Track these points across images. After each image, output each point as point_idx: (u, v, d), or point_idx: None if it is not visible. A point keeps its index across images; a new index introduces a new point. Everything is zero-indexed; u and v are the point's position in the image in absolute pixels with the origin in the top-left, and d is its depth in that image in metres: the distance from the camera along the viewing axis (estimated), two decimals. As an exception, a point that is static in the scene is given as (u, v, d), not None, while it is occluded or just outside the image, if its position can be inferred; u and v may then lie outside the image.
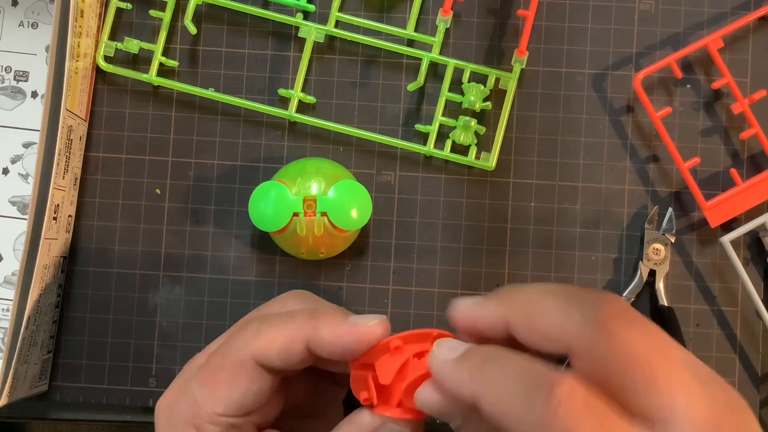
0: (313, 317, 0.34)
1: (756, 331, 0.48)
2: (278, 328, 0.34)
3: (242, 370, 0.34)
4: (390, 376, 0.33)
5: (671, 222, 0.48)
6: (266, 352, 0.34)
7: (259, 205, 0.45)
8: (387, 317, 0.34)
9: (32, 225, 0.43)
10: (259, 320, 0.35)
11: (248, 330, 0.35)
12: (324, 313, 0.34)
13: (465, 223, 0.49)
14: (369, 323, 0.34)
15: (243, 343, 0.34)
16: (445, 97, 0.48)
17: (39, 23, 0.50)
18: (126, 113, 0.49)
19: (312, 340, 0.34)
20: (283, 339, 0.34)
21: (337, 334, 0.33)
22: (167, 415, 0.35)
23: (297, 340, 0.34)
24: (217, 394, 0.34)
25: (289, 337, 0.34)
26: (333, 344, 0.33)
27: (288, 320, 0.35)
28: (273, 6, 0.49)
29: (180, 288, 0.49)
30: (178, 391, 0.35)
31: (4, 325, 0.49)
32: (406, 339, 0.33)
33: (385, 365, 0.33)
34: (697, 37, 0.49)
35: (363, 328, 0.33)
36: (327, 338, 0.33)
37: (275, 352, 0.34)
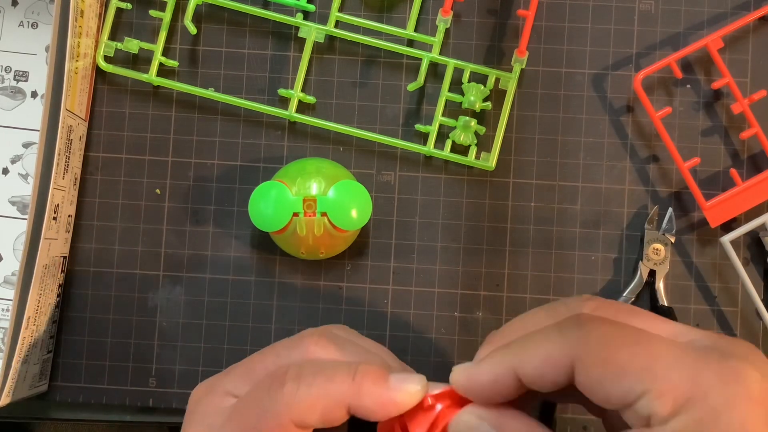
0: (355, 381, 0.33)
1: (756, 331, 0.48)
2: (318, 391, 0.33)
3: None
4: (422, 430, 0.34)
5: (671, 222, 0.48)
6: (306, 417, 0.33)
7: (259, 205, 0.45)
8: (425, 378, 0.34)
9: (32, 225, 0.43)
10: (294, 380, 0.33)
11: (286, 392, 0.33)
12: (365, 375, 0.33)
13: (465, 223, 0.49)
14: (412, 390, 0.33)
15: (282, 405, 0.33)
16: (445, 97, 0.48)
17: (39, 23, 0.50)
18: (126, 113, 0.49)
19: (354, 407, 0.33)
20: (323, 404, 0.33)
21: (381, 403, 0.33)
22: None
23: (339, 405, 0.33)
24: None
25: (331, 402, 0.33)
26: (374, 413, 0.33)
27: (327, 382, 0.33)
28: (273, 6, 0.49)
29: (180, 288, 0.49)
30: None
31: (4, 325, 0.49)
32: (437, 397, 0.34)
33: (417, 420, 0.34)
34: (697, 37, 0.49)
35: (407, 397, 0.33)
36: (370, 407, 0.33)
37: (316, 417, 0.33)
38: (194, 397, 0.36)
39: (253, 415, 0.33)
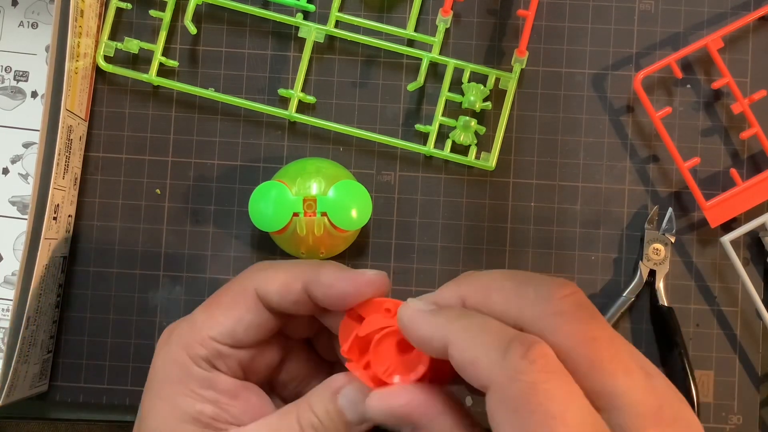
0: (319, 264, 0.36)
1: (756, 331, 0.48)
2: (282, 269, 0.36)
3: (241, 298, 0.36)
4: (366, 330, 0.34)
5: (671, 222, 0.48)
6: (266, 286, 0.36)
7: (259, 205, 0.45)
8: (385, 273, 0.36)
9: (32, 225, 0.43)
10: (266, 262, 0.38)
11: (254, 267, 0.38)
12: (330, 264, 0.36)
13: (465, 223, 0.49)
14: (368, 272, 0.35)
15: (249, 275, 0.37)
16: (445, 97, 0.48)
17: (39, 23, 0.50)
18: (126, 113, 0.49)
19: (311, 282, 0.35)
20: (285, 276, 0.36)
21: (336, 277, 0.35)
22: (167, 336, 0.37)
23: (298, 279, 0.36)
24: (215, 317, 0.36)
25: (292, 275, 0.36)
26: (330, 287, 0.35)
27: (293, 265, 0.37)
28: (273, 6, 0.49)
29: (180, 288, 0.49)
30: (183, 319, 0.37)
31: (4, 325, 0.49)
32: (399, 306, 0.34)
33: (370, 322, 0.34)
34: (697, 37, 0.49)
35: (361, 277, 0.35)
36: (325, 281, 0.35)
37: (275, 286, 0.36)
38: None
39: (224, 288, 0.37)
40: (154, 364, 0.36)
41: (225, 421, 0.35)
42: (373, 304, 0.35)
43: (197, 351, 0.35)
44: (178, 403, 0.35)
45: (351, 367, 0.34)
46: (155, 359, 0.37)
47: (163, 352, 0.36)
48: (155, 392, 0.36)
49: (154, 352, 0.37)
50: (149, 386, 0.36)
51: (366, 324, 0.34)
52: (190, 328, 0.36)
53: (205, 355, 0.35)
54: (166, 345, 0.36)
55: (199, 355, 0.35)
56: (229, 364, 0.36)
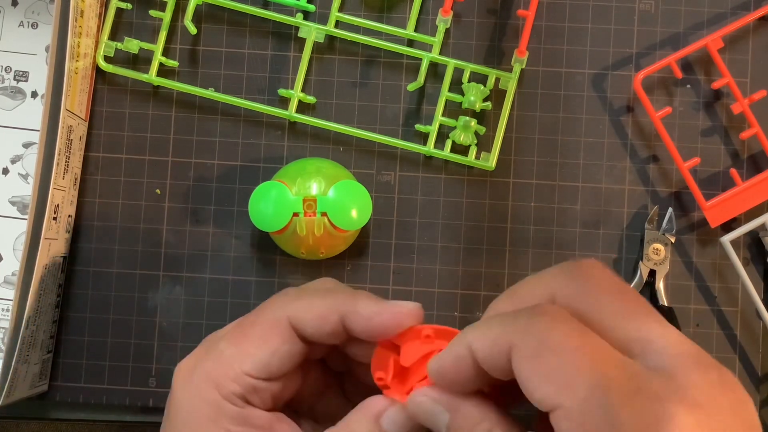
0: (353, 295, 0.35)
1: (756, 331, 0.48)
2: (317, 298, 0.35)
3: (276, 329, 0.34)
4: (412, 360, 0.33)
5: (671, 222, 0.48)
6: (302, 316, 0.34)
7: (259, 205, 0.45)
8: (420, 305, 0.35)
9: (32, 225, 0.43)
10: (298, 289, 0.36)
11: (286, 295, 0.35)
12: (363, 293, 0.35)
13: (465, 223, 0.49)
14: (406, 305, 0.34)
15: (280, 305, 0.35)
16: (445, 97, 0.48)
17: (39, 23, 0.50)
18: (126, 113, 0.49)
19: (349, 313, 0.34)
20: (321, 307, 0.34)
21: (375, 311, 0.34)
22: (189, 372, 0.34)
23: (335, 310, 0.34)
24: (247, 351, 0.34)
25: (327, 307, 0.34)
26: (369, 321, 0.34)
27: (327, 293, 0.35)
28: (273, 6, 0.49)
29: (180, 288, 0.49)
30: (206, 350, 0.35)
31: (4, 325, 0.49)
32: (438, 332, 0.34)
33: (411, 349, 0.34)
34: (697, 37, 0.49)
35: (401, 309, 0.34)
36: (364, 313, 0.34)
37: (311, 317, 0.34)
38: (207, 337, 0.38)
39: (253, 316, 0.35)
40: (178, 403, 0.34)
41: None
42: (410, 333, 0.34)
43: (230, 388, 0.33)
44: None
45: (391, 393, 0.34)
46: (177, 398, 0.34)
47: (189, 391, 0.34)
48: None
49: (172, 390, 0.35)
50: (173, 428, 0.34)
51: (407, 352, 0.34)
52: (218, 363, 0.34)
53: (239, 391, 0.34)
54: (190, 383, 0.34)
55: (233, 391, 0.33)
56: (263, 398, 0.34)
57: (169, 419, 0.34)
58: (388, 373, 0.34)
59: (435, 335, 0.34)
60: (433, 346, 0.34)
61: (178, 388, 0.34)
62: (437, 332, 0.34)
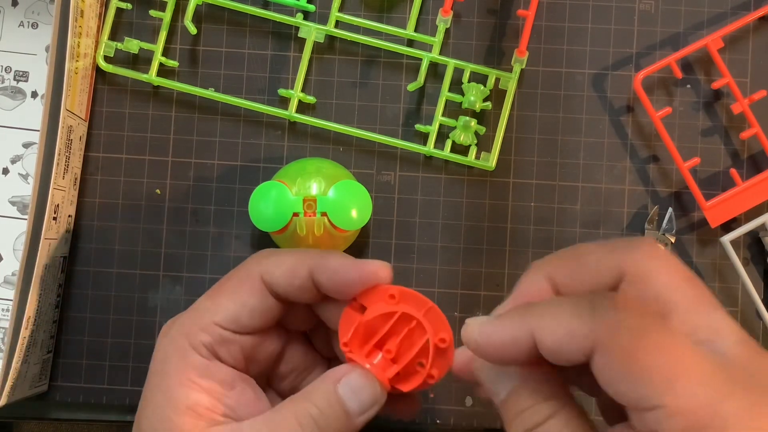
0: (324, 252, 0.37)
1: (756, 331, 0.48)
2: (289, 254, 0.37)
3: (247, 283, 0.36)
4: (372, 315, 0.34)
5: (671, 222, 0.48)
6: (272, 270, 0.36)
7: (259, 205, 0.45)
8: (390, 264, 0.36)
9: (32, 225, 0.43)
10: (272, 249, 0.38)
11: (260, 254, 0.38)
12: (333, 251, 0.37)
13: (465, 223, 0.49)
14: (375, 262, 0.36)
15: (253, 262, 0.37)
16: (445, 97, 0.48)
17: (39, 23, 0.50)
18: (126, 113, 0.49)
19: (317, 266, 0.36)
20: (290, 261, 0.36)
21: (342, 264, 0.35)
22: (168, 327, 0.37)
23: (303, 265, 0.36)
24: (218, 302, 0.36)
25: (297, 261, 0.36)
26: (336, 272, 0.35)
27: (299, 251, 0.37)
28: (273, 6, 0.49)
29: (180, 288, 0.49)
30: (187, 310, 0.37)
31: (4, 325, 0.49)
32: (404, 294, 0.35)
33: (375, 309, 0.35)
34: (697, 37, 0.49)
35: (367, 265, 0.35)
36: (331, 266, 0.35)
37: (281, 271, 0.36)
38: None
39: (227, 275, 0.38)
40: (155, 355, 0.36)
41: (220, 413, 0.35)
42: (376, 293, 0.35)
43: (200, 337, 0.35)
44: (174, 394, 0.35)
45: (352, 356, 0.34)
46: (155, 351, 0.37)
47: (164, 342, 0.36)
48: (154, 383, 0.36)
49: (156, 345, 0.37)
50: (148, 378, 0.36)
51: (370, 310, 0.34)
52: (193, 314, 0.36)
53: (208, 341, 0.35)
54: (167, 335, 0.36)
55: (202, 341, 0.35)
56: (231, 351, 0.36)
57: (149, 370, 0.36)
58: (349, 332, 0.34)
59: (400, 297, 0.35)
60: (396, 307, 0.34)
61: (158, 340, 0.37)
62: (402, 294, 0.35)
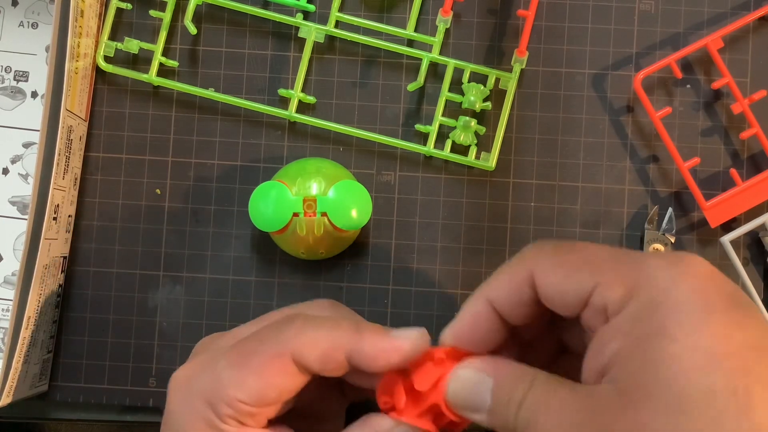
0: (358, 330, 0.34)
1: (756, 331, 0.48)
2: (323, 333, 0.34)
3: (278, 364, 0.34)
4: (427, 384, 0.33)
5: (671, 222, 0.48)
6: (307, 353, 0.34)
7: (259, 205, 0.45)
8: (426, 330, 0.34)
9: (32, 225, 0.43)
10: (303, 319, 0.35)
11: (292, 326, 0.34)
12: (368, 327, 0.35)
13: (465, 223, 0.49)
14: (412, 338, 0.34)
15: (285, 337, 0.34)
16: (445, 97, 0.48)
17: (39, 23, 0.50)
18: (126, 113, 0.49)
19: (355, 351, 0.34)
20: (326, 344, 0.34)
21: (381, 348, 0.34)
22: (185, 385, 0.35)
23: (340, 348, 0.34)
24: (244, 379, 0.34)
25: (333, 343, 0.34)
26: (376, 359, 0.34)
27: (333, 327, 0.34)
28: (273, 6, 0.49)
29: (180, 288, 0.49)
30: (202, 365, 0.35)
31: (4, 325, 0.49)
32: (450, 354, 0.34)
33: (425, 373, 0.34)
34: (697, 37, 0.49)
35: (406, 342, 0.34)
36: (371, 353, 0.34)
37: (316, 355, 0.34)
38: (200, 343, 0.38)
39: (256, 342, 0.35)
40: (175, 414, 0.35)
41: None
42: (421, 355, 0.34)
43: (224, 411, 0.34)
44: None
45: (403, 417, 0.34)
46: (173, 411, 0.35)
47: (185, 407, 0.34)
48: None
49: (168, 401, 0.35)
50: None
51: (420, 377, 0.33)
52: (215, 384, 0.34)
53: (233, 414, 0.34)
54: (187, 397, 0.35)
55: (227, 414, 0.34)
56: (257, 420, 0.34)
57: (168, 426, 0.35)
58: (400, 396, 0.34)
59: (447, 358, 0.34)
60: (445, 368, 0.33)
61: (175, 401, 0.35)
62: (449, 355, 0.34)
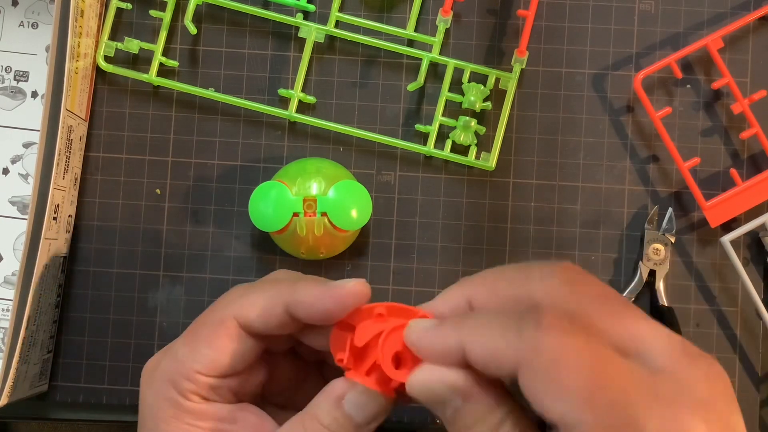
0: (295, 283, 0.35)
1: (756, 331, 0.48)
2: (260, 292, 0.35)
3: (222, 329, 0.35)
4: (365, 339, 0.33)
5: (671, 222, 0.48)
6: (246, 313, 0.35)
7: (259, 205, 0.45)
8: (365, 281, 0.34)
9: (32, 225, 0.43)
10: (245, 286, 0.37)
11: (231, 294, 0.36)
12: (305, 279, 0.36)
13: (465, 223, 0.49)
14: (347, 284, 0.34)
15: (225, 304, 0.36)
16: (445, 97, 0.48)
17: (39, 23, 0.50)
18: (126, 113, 0.49)
19: (291, 302, 0.34)
20: (263, 301, 0.35)
21: (316, 294, 0.34)
22: (150, 373, 0.36)
23: (277, 302, 0.35)
24: (198, 351, 0.35)
25: (270, 300, 0.35)
26: (312, 305, 0.34)
27: (270, 286, 0.36)
28: (273, 6, 0.49)
29: (180, 288, 0.49)
30: (163, 352, 0.36)
31: (4, 325, 0.49)
32: (391, 309, 0.34)
33: (365, 329, 0.34)
34: (697, 37, 0.49)
35: (343, 289, 0.34)
36: (306, 300, 0.34)
37: (255, 313, 0.35)
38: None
39: (202, 318, 0.36)
40: (143, 401, 0.36)
41: None
42: (363, 311, 0.34)
43: (186, 386, 0.35)
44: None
45: (352, 375, 0.34)
46: (143, 397, 0.36)
47: (151, 391, 0.35)
48: (151, 430, 0.35)
49: (140, 389, 0.36)
50: (143, 425, 0.35)
51: (360, 333, 0.34)
52: (174, 362, 0.35)
53: (194, 389, 0.35)
54: (152, 382, 0.35)
55: (188, 389, 0.35)
56: (220, 393, 0.35)
57: (141, 416, 0.36)
58: (346, 353, 0.34)
59: (388, 313, 0.34)
60: (385, 324, 0.33)
61: (144, 388, 0.36)
62: (390, 310, 0.34)
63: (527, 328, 0.28)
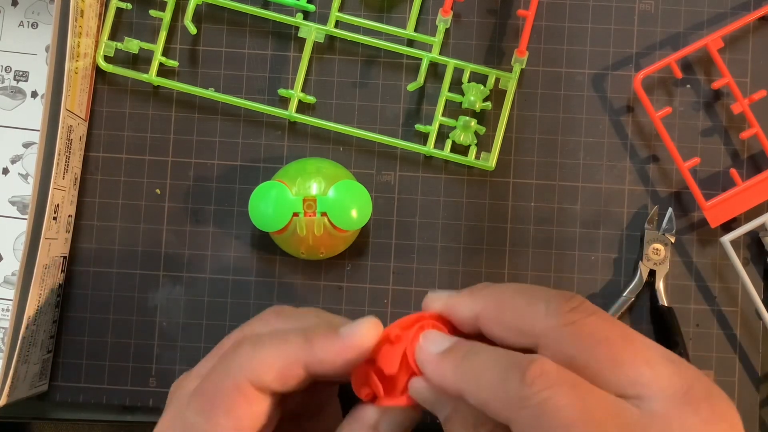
0: (308, 339, 0.34)
1: (756, 331, 0.48)
2: (273, 351, 0.33)
3: (240, 396, 0.33)
4: (395, 365, 0.33)
5: (671, 222, 0.48)
6: (263, 377, 0.33)
7: (259, 205, 0.45)
8: (374, 317, 0.34)
9: (32, 225, 0.43)
10: (251, 342, 0.34)
11: (242, 353, 0.34)
12: (316, 334, 0.34)
13: (465, 223, 0.49)
14: (362, 331, 0.33)
15: (237, 367, 0.33)
16: (445, 97, 0.48)
17: (39, 23, 0.50)
18: (126, 113, 0.49)
19: (311, 362, 0.33)
20: (280, 364, 0.33)
21: (336, 351, 0.33)
22: None
23: (295, 364, 0.33)
24: (215, 421, 0.33)
25: (286, 361, 0.33)
26: (333, 362, 0.33)
27: (281, 343, 0.34)
28: (273, 6, 0.49)
29: (180, 288, 0.49)
30: (171, 420, 0.35)
31: (4, 325, 0.49)
32: (403, 326, 0.34)
33: (388, 356, 0.33)
34: (697, 37, 0.49)
35: (357, 338, 0.33)
36: (327, 358, 0.33)
37: (273, 377, 0.33)
38: (172, 388, 0.37)
39: (214, 380, 0.34)
40: None
41: None
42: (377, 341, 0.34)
43: None
44: None
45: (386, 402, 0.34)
46: None
47: None
48: None
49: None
50: None
51: (386, 361, 0.33)
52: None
53: None
54: None
55: None
56: None
57: None
58: (377, 386, 0.34)
59: (402, 331, 0.34)
60: (405, 342, 0.33)
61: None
62: (402, 327, 0.34)
63: (512, 384, 0.29)
